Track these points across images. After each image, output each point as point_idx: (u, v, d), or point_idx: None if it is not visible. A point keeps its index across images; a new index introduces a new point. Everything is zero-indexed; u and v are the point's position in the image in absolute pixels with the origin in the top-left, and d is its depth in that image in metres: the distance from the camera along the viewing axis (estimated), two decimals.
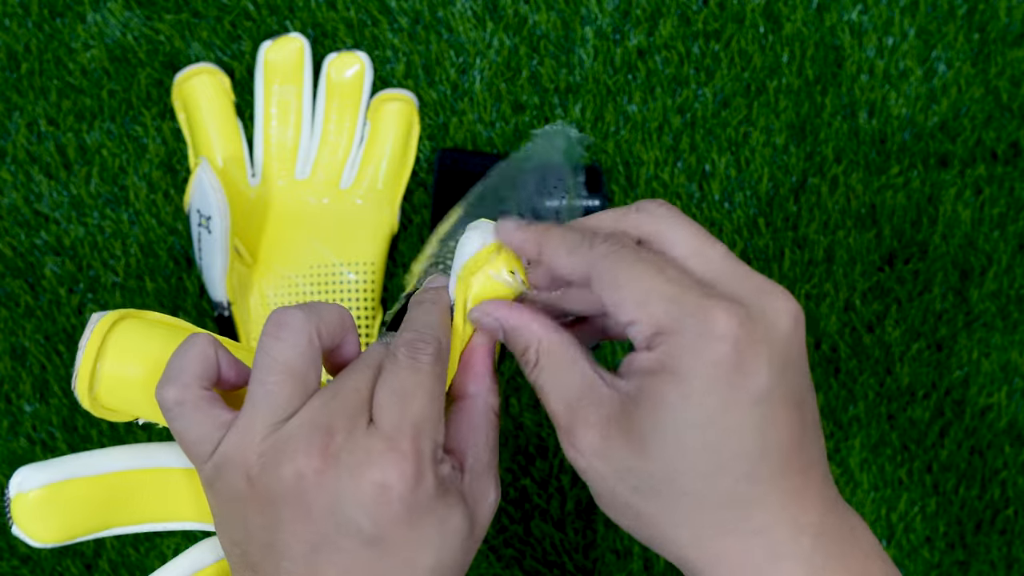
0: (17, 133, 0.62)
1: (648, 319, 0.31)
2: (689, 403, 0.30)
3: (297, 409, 0.32)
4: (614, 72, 0.64)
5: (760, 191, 0.64)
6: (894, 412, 0.63)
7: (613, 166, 0.63)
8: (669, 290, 0.31)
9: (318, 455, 0.30)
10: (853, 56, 0.64)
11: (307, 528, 0.31)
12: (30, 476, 0.35)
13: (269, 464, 0.31)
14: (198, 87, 0.61)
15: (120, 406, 0.36)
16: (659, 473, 0.31)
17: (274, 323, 0.32)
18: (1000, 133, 0.64)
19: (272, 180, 0.62)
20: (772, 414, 0.31)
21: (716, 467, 0.31)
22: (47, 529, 0.35)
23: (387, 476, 0.30)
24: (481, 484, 0.33)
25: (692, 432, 0.30)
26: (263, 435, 0.31)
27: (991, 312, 0.63)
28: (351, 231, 0.61)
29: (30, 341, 0.61)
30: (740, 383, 0.30)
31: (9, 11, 0.63)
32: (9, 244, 0.62)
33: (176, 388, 0.32)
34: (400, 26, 0.64)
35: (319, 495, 0.30)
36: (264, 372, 0.32)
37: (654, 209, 0.34)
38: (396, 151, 0.62)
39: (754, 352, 0.30)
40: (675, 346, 0.30)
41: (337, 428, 0.31)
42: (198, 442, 0.32)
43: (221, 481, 0.32)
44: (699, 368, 0.30)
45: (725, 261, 0.32)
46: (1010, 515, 0.63)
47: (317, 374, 0.33)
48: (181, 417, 0.32)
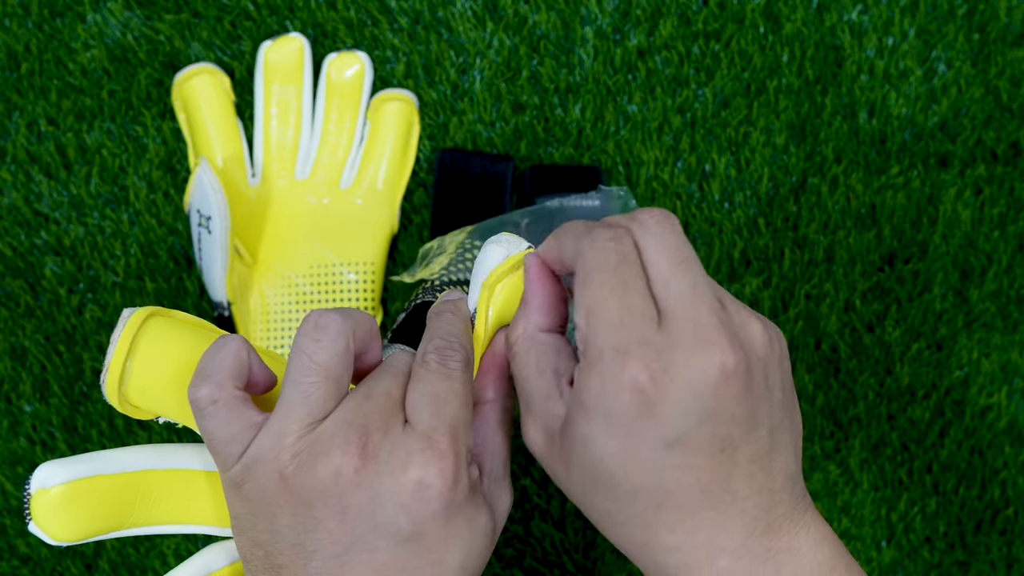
0: (17, 133, 0.62)
1: (584, 333, 0.32)
2: (595, 438, 0.32)
3: (331, 411, 0.32)
4: (614, 72, 0.64)
5: (760, 191, 0.64)
6: (894, 412, 0.63)
7: (613, 166, 0.63)
8: (614, 316, 0.32)
9: (356, 453, 0.31)
10: (853, 56, 0.64)
11: (342, 527, 0.31)
12: (53, 472, 0.34)
13: (305, 463, 0.31)
14: (198, 87, 0.61)
15: (147, 404, 0.35)
16: (577, 491, 0.34)
17: (313, 325, 0.33)
18: (1000, 133, 0.64)
19: (272, 180, 0.62)
20: (684, 460, 0.31)
21: (623, 495, 0.32)
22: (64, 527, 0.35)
23: (427, 474, 0.31)
24: (498, 487, 0.35)
25: (599, 463, 0.32)
26: (298, 435, 0.32)
27: (991, 312, 0.63)
28: (351, 231, 0.61)
29: (30, 341, 0.61)
30: (646, 430, 0.31)
31: (9, 11, 0.63)
32: (9, 244, 0.62)
33: (211, 387, 0.32)
34: (400, 26, 0.64)
35: (357, 493, 0.31)
36: (301, 373, 0.32)
37: (646, 219, 0.34)
38: (396, 151, 0.62)
39: (665, 408, 0.31)
40: (588, 381, 0.32)
41: (373, 428, 0.32)
42: (229, 442, 0.32)
43: (252, 481, 0.32)
44: (603, 408, 0.31)
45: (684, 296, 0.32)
46: (1010, 515, 0.63)
47: (349, 378, 0.34)
48: (214, 416, 0.32)
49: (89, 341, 0.61)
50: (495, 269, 0.36)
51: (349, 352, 0.33)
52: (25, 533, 0.60)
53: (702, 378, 0.31)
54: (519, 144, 0.63)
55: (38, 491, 0.34)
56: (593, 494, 0.33)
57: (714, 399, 0.31)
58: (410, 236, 0.63)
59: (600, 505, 0.33)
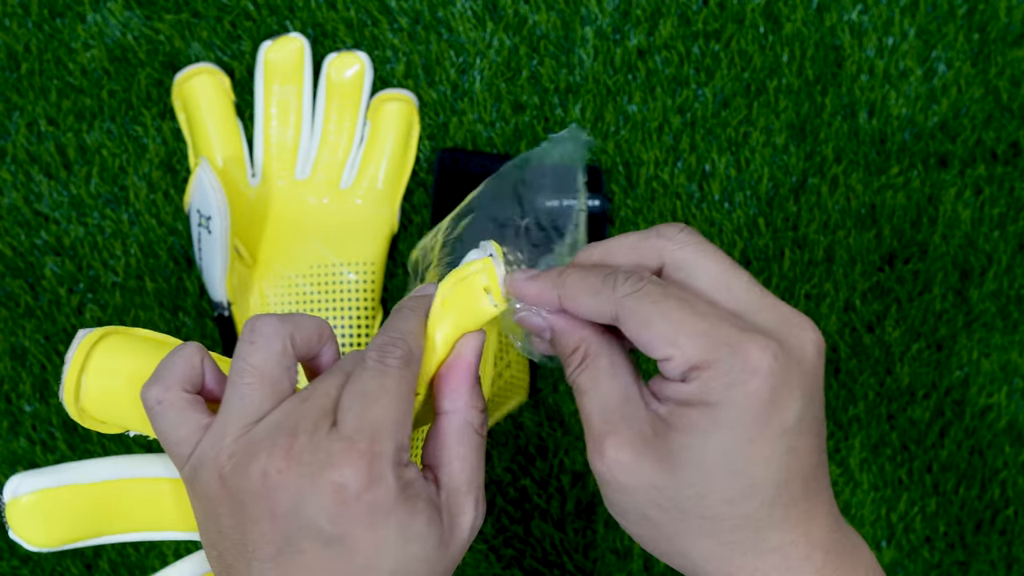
0: (17, 133, 0.62)
1: (681, 356, 0.31)
2: (721, 433, 0.31)
3: (268, 412, 0.32)
4: (614, 72, 0.64)
5: (760, 191, 0.64)
6: (894, 412, 0.63)
7: (613, 166, 0.63)
8: (700, 325, 0.31)
9: (281, 455, 0.31)
10: (853, 56, 0.64)
11: (273, 528, 0.31)
12: (23, 482, 0.36)
13: (239, 464, 0.31)
14: (198, 87, 0.61)
15: (109, 418, 0.37)
16: (686, 495, 0.32)
17: (248, 329, 0.33)
18: (1000, 133, 0.64)
19: (272, 180, 0.62)
20: (797, 444, 0.32)
21: (741, 493, 0.32)
22: (41, 533, 0.37)
23: (343, 476, 0.30)
24: (458, 500, 0.33)
25: (721, 460, 0.31)
26: (235, 436, 0.32)
27: (991, 312, 0.63)
28: (351, 231, 0.61)
29: (30, 341, 0.61)
30: (771, 416, 0.31)
31: (9, 11, 0.63)
32: (9, 244, 0.62)
33: (158, 388, 0.33)
34: (400, 26, 0.64)
35: (282, 495, 0.31)
36: (238, 375, 0.33)
37: (675, 235, 0.34)
38: (396, 151, 0.62)
39: (787, 386, 0.31)
40: (710, 380, 0.31)
41: (301, 430, 0.31)
42: (178, 443, 0.33)
43: (198, 482, 0.33)
44: (733, 401, 0.31)
45: (750, 292, 0.33)
46: (1010, 515, 0.63)
47: (291, 380, 0.34)
48: (162, 416, 0.33)
49: None
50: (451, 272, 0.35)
51: (286, 354, 0.33)
52: None
53: (806, 356, 0.32)
54: (519, 144, 0.63)
55: (11, 500, 0.36)
56: (701, 498, 0.32)
57: (815, 377, 0.32)
58: (410, 236, 0.63)
59: (708, 511, 0.32)
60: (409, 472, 0.32)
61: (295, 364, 0.34)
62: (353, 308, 0.60)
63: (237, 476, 0.31)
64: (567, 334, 0.35)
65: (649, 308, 0.32)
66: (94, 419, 0.37)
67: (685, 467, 0.31)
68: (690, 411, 0.31)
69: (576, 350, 0.34)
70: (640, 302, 0.32)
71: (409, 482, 0.32)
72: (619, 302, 0.32)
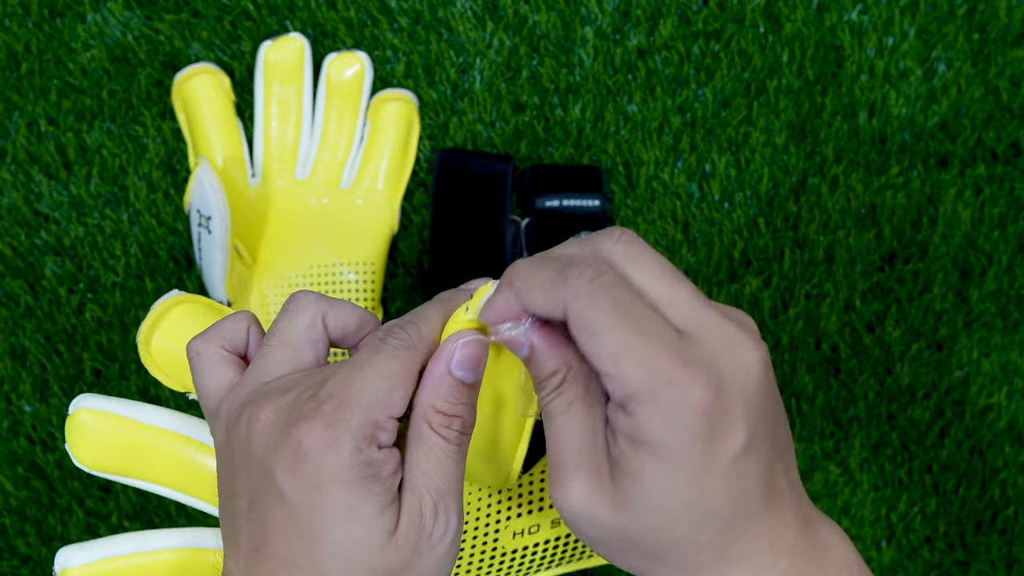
0: (17, 133, 0.62)
1: (621, 379, 0.31)
2: (669, 475, 0.31)
3: (283, 376, 0.33)
4: (614, 72, 0.64)
5: (760, 191, 0.64)
6: (894, 412, 0.63)
7: (613, 166, 0.63)
8: (643, 349, 0.30)
9: (267, 410, 0.32)
10: (853, 56, 0.64)
11: (248, 479, 0.32)
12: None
13: (239, 415, 0.32)
14: (198, 87, 0.61)
15: (170, 373, 0.40)
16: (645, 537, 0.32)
17: (287, 301, 0.35)
18: (1000, 133, 0.64)
19: (272, 180, 0.62)
20: (747, 467, 0.31)
21: (698, 524, 0.31)
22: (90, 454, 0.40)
23: (303, 433, 0.30)
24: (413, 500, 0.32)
25: (673, 500, 0.31)
26: (247, 392, 0.33)
27: (991, 312, 0.63)
28: (351, 231, 0.61)
29: (30, 341, 0.61)
30: (717, 449, 0.31)
31: (9, 11, 0.63)
32: (9, 244, 0.62)
33: (199, 341, 0.35)
34: (400, 26, 0.64)
35: (257, 446, 0.32)
36: (265, 339, 0.34)
37: (611, 247, 0.33)
38: (396, 151, 0.62)
39: (730, 418, 0.31)
40: (651, 417, 0.30)
41: (295, 390, 0.32)
42: (207, 396, 0.34)
43: (215, 433, 0.34)
44: (676, 441, 0.30)
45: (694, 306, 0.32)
46: (1010, 515, 0.63)
47: (315, 353, 0.34)
48: (197, 368, 0.35)
49: (89, 341, 0.61)
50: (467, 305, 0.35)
51: (314, 328, 0.34)
52: (25, 533, 0.60)
53: (750, 379, 0.31)
54: (519, 144, 0.63)
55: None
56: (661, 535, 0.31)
57: (762, 396, 0.31)
58: (410, 236, 0.63)
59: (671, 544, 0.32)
60: (377, 454, 0.31)
61: (324, 340, 0.34)
62: None
63: (234, 427, 0.32)
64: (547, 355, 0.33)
65: (596, 316, 0.31)
66: (160, 370, 0.40)
67: (639, 511, 0.31)
68: (637, 451, 0.31)
69: (555, 373, 0.33)
70: (588, 306, 0.31)
71: (371, 462, 0.31)
72: (568, 301, 0.31)
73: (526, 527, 0.46)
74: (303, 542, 0.31)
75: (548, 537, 0.46)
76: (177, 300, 0.39)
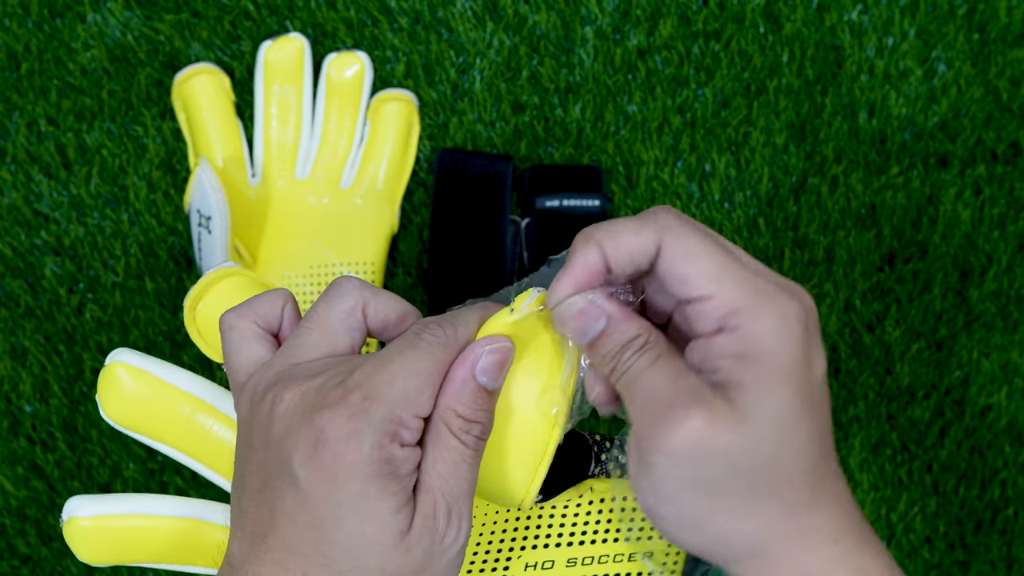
0: (17, 133, 0.62)
1: (724, 296, 0.31)
2: (784, 383, 0.31)
3: (315, 360, 0.33)
4: (614, 72, 0.64)
5: (760, 191, 0.64)
6: (894, 412, 0.63)
7: (613, 166, 0.63)
8: (741, 272, 0.32)
9: (293, 392, 0.31)
10: (853, 56, 0.64)
11: (265, 459, 0.31)
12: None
13: (263, 393, 0.32)
14: (198, 87, 0.61)
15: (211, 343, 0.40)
16: (761, 455, 0.31)
17: (330, 286, 0.35)
18: (1000, 133, 0.64)
19: (272, 180, 0.62)
20: (825, 396, 0.33)
21: (807, 443, 0.32)
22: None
23: (325, 421, 0.30)
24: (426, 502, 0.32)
25: (787, 412, 0.31)
26: (276, 371, 0.33)
27: (991, 312, 0.63)
28: (351, 231, 0.61)
29: (30, 341, 0.61)
30: (811, 366, 0.32)
31: (9, 11, 0.63)
32: (9, 244, 0.62)
33: (232, 315, 0.35)
34: (400, 26, 0.64)
35: (277, 427, 0.31)
36: (303, 321, 0.34)
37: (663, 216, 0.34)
38: (396, 151, 0.62)
39: (815, 338, 0.32)
40: (758, 325, 0.31)
41: (322, 376, 0.32)
42: (236, 370, 0.34)
43: (239, 407, 0.34)
44: (784, 348, 0.31)
45: (753, 259, 0.34)
46: (1010, 515, 0.63)
47: (351, 340, 0.34)
48: (228, 341, 0.35)
49: (89, 341, 0.61)
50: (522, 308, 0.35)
51: (353, 315, 0.34)
52: (25, 533, 0.60)
53: (812, 317, 0.33)
54: (519, 144, 0.63)
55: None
56: (776, 454, 0.31)
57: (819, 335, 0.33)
58: (410, 236, 0.63)
59: (782, 469, 0.32)
60: (398, 451, 0.31)
61: (362, 329, 0.34)
62: None
63: (258, 404, 0.32)
64: (628, 321, 0.34)
65: (695, 242, 0.32)
66: (201, 336, 0.40)
67: (759, 424, 0.31)
68: (749, 365, 0.31)
69: (638, 336, 0.34)
70: (686, 236, 0.32)
71: (391, 459, 0.31)
72: (665, 231, 0.32)
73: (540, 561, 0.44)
74: (313, 532, 0.30)
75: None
76: (228, 272, 0.40)
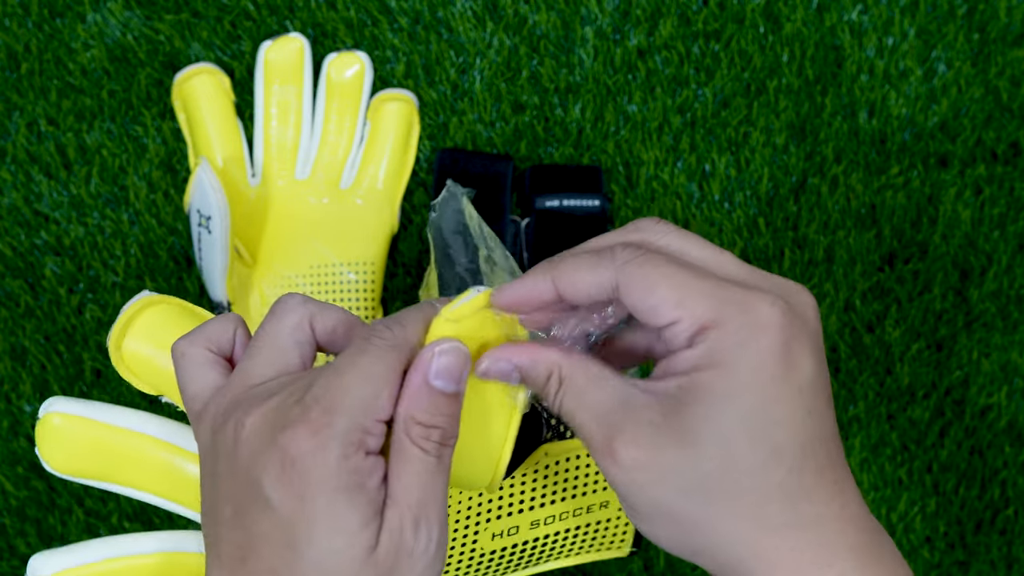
0: (17, 133, 0.62)
1: (690, 316, 0.31)
2: (737, 396, 0.30)
3: (270, 379, 0.33)
4: (614, 72, 0.64)
5: (760, 191, 0.64)
6: (894, 412, 0.63)
7: (613, 166, 0.63)
8: (706, 286, 0.31)
9: (254, 414, 0.31)
10: (853, 56, 0.64)
11: (233, 486, 0.31)
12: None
13: (224, 420, 0.32)
14: (198, 87, 0.61)
15: (141, 377, 0.39)
16: (708, 471, 0.31)
17: (274, 304, 0.34)
18: (1000, 133, 0.64)
19: (272, 180, 0.62)
20: (814, 405, 0.31)
21: (765, 461, 0.30)
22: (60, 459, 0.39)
23: (288, 440, 0.30)
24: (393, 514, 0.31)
25: (740, 425, 0.30)
26: (233, 395, 0.32)
27: (991, 312, 0.63)
28: (351, 231, 0.61)
29: (30, 341, 0.61)
30: (786, 374, 0.30)
31: (9, 11, 0.63)
32: (9, 244, 0.62)
33: (184, 342, 0.34)
34: (400, 26, 0.64)
35: (243, 452, 0.31)
36: (252, 341, 0.34)
37: (653, 226, 0.34)
38: (396, 151, 0.62)
39: (798, 342, 0.31)
40: (720, 339, 0.30)
41: (279, 395, 0.31)
42: (192, 397, 0.34)
43: (199, 436, 0.33)
44: (747, 359, 0.30)
45: (739, 265, 0.33)
46: (1010, 515, 0.63)
47: (301, 355, 0.33)
48: (182, 369, 0.34)
49: (89, 341, 0.61)
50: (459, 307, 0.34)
51: (300, 329, 0.33)
52: (25, 533, 0.60)
53: (809, 318, 0.31)
54: (519, 144, 0.63)
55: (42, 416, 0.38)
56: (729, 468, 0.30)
57: (819, 338, 0.32)
58: (410, 236, 0.63)
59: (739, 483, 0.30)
60: (364, 462, 0.31)
61: (311, 342, 0.34)
62: (353, 308, 0.60)
63: (219, 431, 0.32)
64: (535, 365, 0.33)
65: (652, 273, 0.31)
66: (131, 372, 0.39)
67: (704, 440, 0.30)
68: (702, 377, 0.30)
69: (550, 376, 0.33)
70: (642, 267, 0.32)
71: (357, 470, 0.30)
72: (620, 269, 0.32)
73: (505, 528, 0.45)
74: (289, 553, 0.30)
75: (527, 539, 0.46)
76: (149, 301, 0.38)
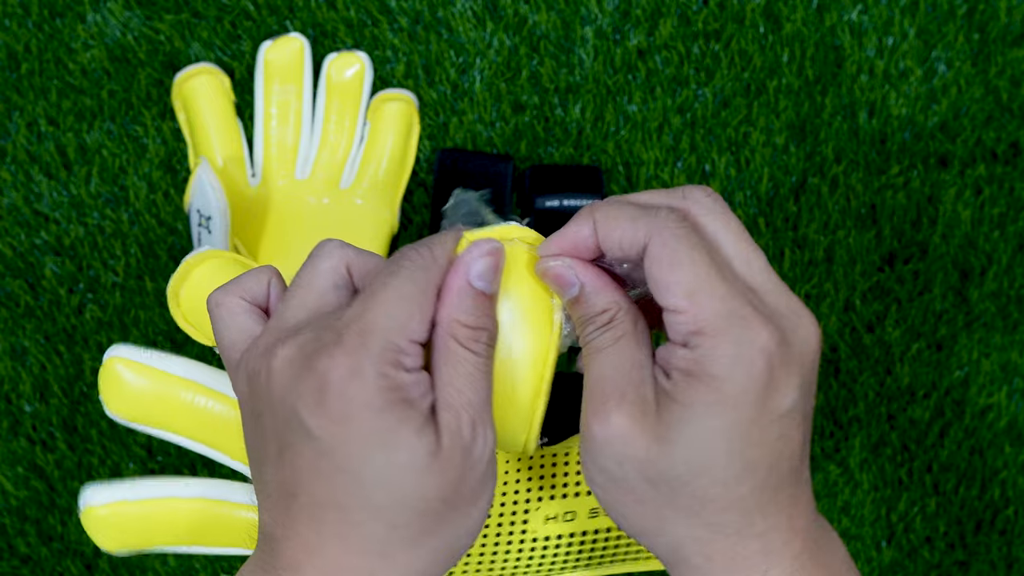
0: (17, 133, 0.62)
1: (693, 313, 0.31)
2: (721, 410, 0.31)
3: (303, 319, 0.32)
4: (614, 72, 0.64)
5: (760, 191, 0.64)
6: (894, 412, 0.63)
7: (613, 166, 0.63)
8: (721, 288, 0.31)
9: (287, 347, 0.31)
10: (853, 56, 0.64)
11: (274, 423, 0.31)
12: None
13: (261, 361, 0.31)
14: (198, 87, 0.61)
15: (198, 327, 0.40)
16: (677, 472, 0.31)
17: (313, 249, 0.34)
18: (1000, 133, 0.65)
19: (272, 180, 0.62)
20: (788, 431, 0.32)
21: (736, 475, 0.31)
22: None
23: (324, 366, 0.30)
24: (446, 417, 0.31)
25: (719, 438, 0.31)
26: (268, 339, 0.32)
27: (991, 312, 0.63)
28: (351, 231, 0.61)
29: (30, 341, 0.61)
30: (769, 399, 0.31)
31: (9, 11, 0.63)
32: (9, 244, 0.62)
33: (219, 293, 0.35)
34: (400, 26, 0.64)
35: (280, 385, 0.31)
36: (289, 287, 0.34)
37: (702, 198, 0.33)
38: (396, 151, 0.62)
39: (787, 373, 0.31)
40: (716, 350, 0.31)
41: (312, 326, 0.31)
42: (228, 346, 0.34)
43: (237, 384, 0.33)
44: (737, 378, 0.31)
45: (766, 273, 0.33)
46: (1010, 515, 0.63)
47: (338, 297, 0.33)
48: (217, 319, 0.34)
49: (89, 341, 0.61)
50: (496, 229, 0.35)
51: (336, 272, 0.33)
52: (25, 533, 0.60)
53: (806, 348, 0.32)
54: (519, 144, 0.63)
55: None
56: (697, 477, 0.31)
57: (812, 372, 0.32)
58: (410, 236, 0.63)
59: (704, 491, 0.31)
60: (404, 376, 0.30)
61: (347, 286, 0.33)
62: None
63: (257, 373, 0.31)
64: (599, 293, 0.34)
65: (681, 249, 0.31)
66: (188, 322, 0.40)
67: (680, 443, 0.31)
68: (693, 384, 0.31)
69: (606, 311, 0.34)
70: (673, 239, 0.32)
71: (399, 386, 0.30)
72: (657, 230, 0.32)
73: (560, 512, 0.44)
74: (341, 477, 0.30)
75: (585, 528, 0.44)
76: (206, 255, 0.40)
